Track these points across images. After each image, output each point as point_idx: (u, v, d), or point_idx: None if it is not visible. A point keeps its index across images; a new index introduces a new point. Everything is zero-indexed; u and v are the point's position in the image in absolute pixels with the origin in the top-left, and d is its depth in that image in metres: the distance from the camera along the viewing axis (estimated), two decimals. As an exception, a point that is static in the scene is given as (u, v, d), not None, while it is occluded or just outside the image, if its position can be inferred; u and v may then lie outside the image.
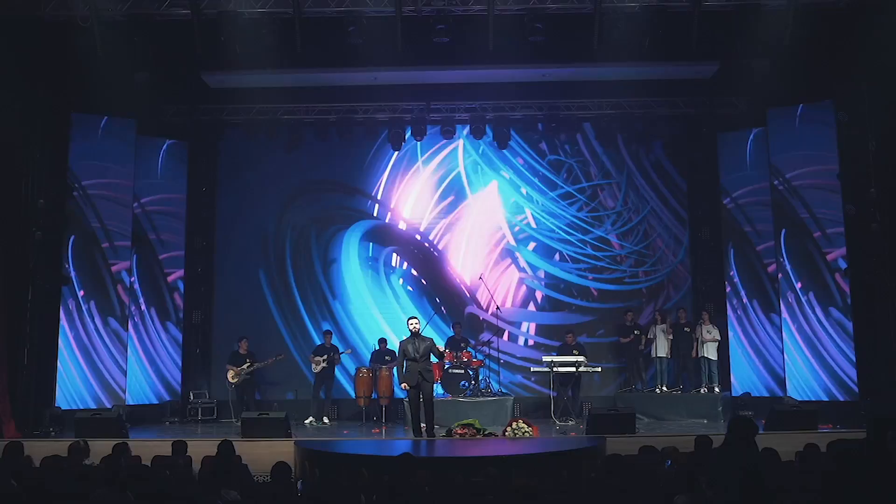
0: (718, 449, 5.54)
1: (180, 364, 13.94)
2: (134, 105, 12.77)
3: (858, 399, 11.72)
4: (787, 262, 12.73)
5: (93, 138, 12.88)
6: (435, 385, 12.71)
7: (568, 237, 14.58)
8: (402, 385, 10.80)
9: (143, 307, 13.60)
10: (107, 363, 12.68)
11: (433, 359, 10.94)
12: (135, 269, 13.41)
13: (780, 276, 12.79)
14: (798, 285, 12.60)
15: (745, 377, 13.40)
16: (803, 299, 12.53)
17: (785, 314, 12.67)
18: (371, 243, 14.70)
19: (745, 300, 13.57)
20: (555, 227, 14.59)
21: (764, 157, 13.26)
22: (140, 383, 13.43)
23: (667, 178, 14.68)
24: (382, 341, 13.61)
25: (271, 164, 14.64)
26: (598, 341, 14.18)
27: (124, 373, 12.90)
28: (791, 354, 12.53)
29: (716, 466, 5.41)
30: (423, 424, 10.59)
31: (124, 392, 12.85)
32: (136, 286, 13.49)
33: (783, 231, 12.82)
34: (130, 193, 13.27)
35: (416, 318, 11.13)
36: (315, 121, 14.26)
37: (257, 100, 13.64)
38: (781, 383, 12.79)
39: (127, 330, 13.04)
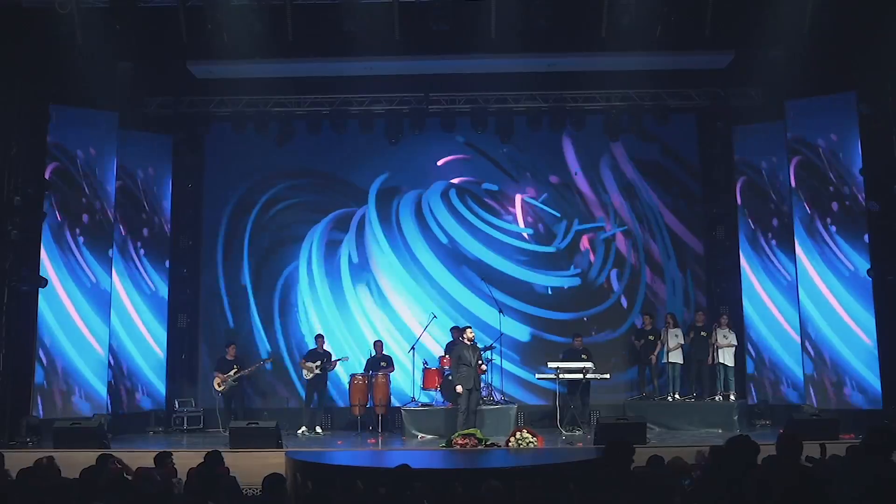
0: (849, 457, 5.43)
1: (165, 371, 13.90)
2: (116, 96, 12.80)
3: (882, 408, 11.70)
4: (807, 263, 12.69)
5: (72, 132, 12.84)
6: (434, 392, 12.86)
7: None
8: (458, 388, 11.44)
9: (124, 310, 13.56)
10: (87, 369, 12.63)
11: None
12: (116, 271, 13.35)
13: (798, 278, 12.76)
14: (818, 288, 12.55)
15: (763, 384, 13.38)
16: (823, 304, 12.49)
17: (805, 319, 12.64)
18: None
19: (761, 303, 13.54)
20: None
21: (782, 151, 13.24)
22: (122, 391, 13.40)
23: (679, 174, 14.65)
24: (378, 344, 13.49)
25: (261, 158, 14.60)
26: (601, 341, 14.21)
27: (105, 380, 12.86)
28: (811, 361, 12.50)
29: (844, 475, 5.29)
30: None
31: (106, 400, 12.81)
32: (118, 288, 13.44)
33: (802, 230, 12.78)
34: (112, 190, 13.23)
35: (470, 327, 12.14)
36: (307, 113, 14.25)
37: (246, 91, 13.64)
38: (801, 391, 12.77)
39: (108, 335, 12.99)
